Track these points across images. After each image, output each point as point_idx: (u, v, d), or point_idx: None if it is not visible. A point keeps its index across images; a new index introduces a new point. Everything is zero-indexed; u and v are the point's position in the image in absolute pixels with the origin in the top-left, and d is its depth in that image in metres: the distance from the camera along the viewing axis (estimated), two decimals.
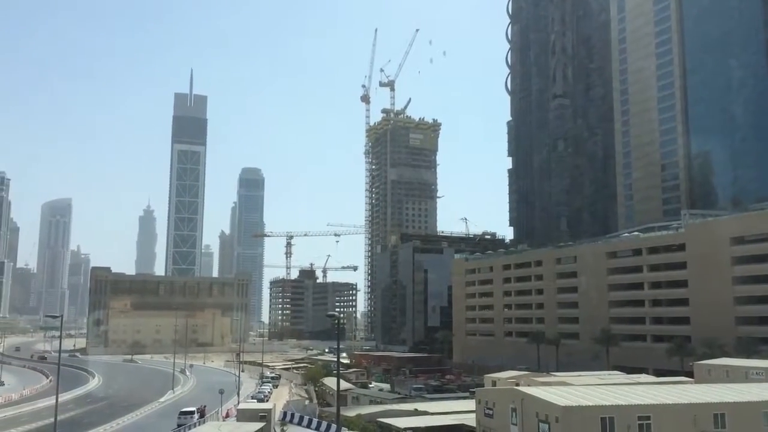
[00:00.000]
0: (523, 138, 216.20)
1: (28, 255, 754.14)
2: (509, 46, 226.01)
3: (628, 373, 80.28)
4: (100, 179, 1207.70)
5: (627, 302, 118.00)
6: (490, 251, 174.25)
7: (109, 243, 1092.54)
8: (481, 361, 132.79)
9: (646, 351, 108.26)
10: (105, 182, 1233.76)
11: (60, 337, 68.09)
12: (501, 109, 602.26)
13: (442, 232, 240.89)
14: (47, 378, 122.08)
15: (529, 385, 63.96)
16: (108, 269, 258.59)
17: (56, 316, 67.29)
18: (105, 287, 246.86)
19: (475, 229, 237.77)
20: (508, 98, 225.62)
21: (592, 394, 51.02)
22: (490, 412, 54.89)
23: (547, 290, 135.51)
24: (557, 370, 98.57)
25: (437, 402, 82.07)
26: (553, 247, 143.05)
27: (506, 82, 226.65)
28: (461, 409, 68.63)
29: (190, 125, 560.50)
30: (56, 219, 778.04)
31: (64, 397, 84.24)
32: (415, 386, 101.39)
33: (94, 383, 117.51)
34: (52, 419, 51.69)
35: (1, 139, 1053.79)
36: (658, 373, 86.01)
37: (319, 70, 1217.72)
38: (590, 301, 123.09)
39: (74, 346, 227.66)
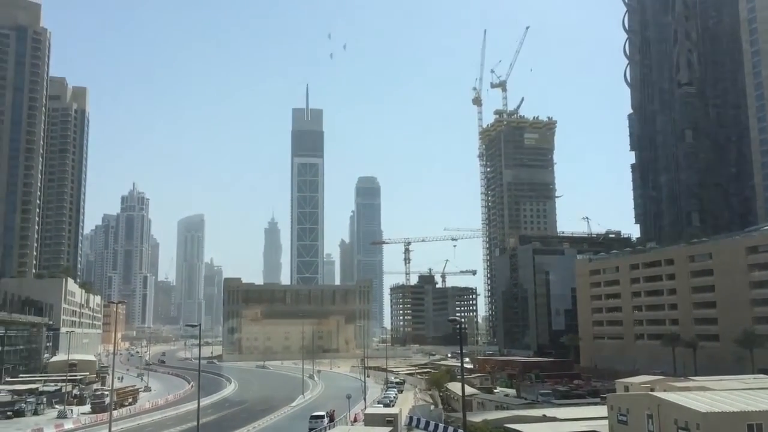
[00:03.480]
0: (646, 131, 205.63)
1: (167, 269, 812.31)
2: (627, 35, 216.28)
3: None
4: (229, 195, 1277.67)
5: None
6: (615, 251, 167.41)
7: (239, 255, 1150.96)
8: (610, 365, 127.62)
9: None
10: (233, 197, 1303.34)
11: (199, 345, 72.75)
12: (620, 102, 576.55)
13: (563, 232, 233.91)
14: (189, 384, 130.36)
15: (665, 390, 60.80)
16: (239, 280, 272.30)
17: (195, 325, 71.64)
18: (237, 297, 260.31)
19: (598, 228, 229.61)
20: (627, 90, 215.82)
21: (736, 399, 47.95)
22: (624, 418, 52.86)
23: (680, 290, 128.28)
24: (696, 375, 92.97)
25: (566, 408, 79.60)
26: (686, 244, 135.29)
27: (625, 74, 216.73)
28: (592, 415, 66.24)
29: (307, 138, 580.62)
30: (191, 234, 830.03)
31: (204, 401, 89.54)
32: (542, 391, 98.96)
33: (230, 388, 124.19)
34: (195, 423, 55.15)
35: (140, 163, 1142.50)
36: None
37: (429, 76, 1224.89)
38: (730, 300, 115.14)
39: (211, 353, 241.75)
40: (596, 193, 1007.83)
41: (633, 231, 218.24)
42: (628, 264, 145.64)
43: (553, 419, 66.92)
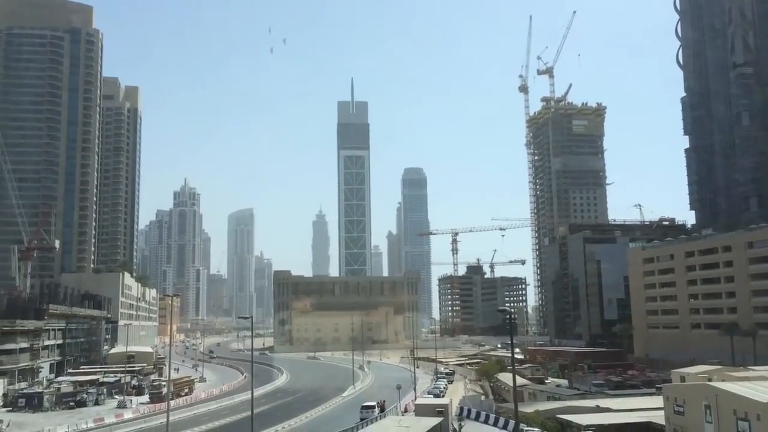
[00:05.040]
0: (700, 114, 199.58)
1: (219, 262, 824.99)
2: (678, 16, 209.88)
3: None
4: (277, 189, 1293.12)
5: None
6: (669, 238, 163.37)
7: (288, 247, 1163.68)
8: (666, 356, 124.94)
9: None
10: (281, 191, 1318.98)
11: (251, 336, 74.10)
12: (673, 86, 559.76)
13: (614, 220, 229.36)
14: (242, 374, 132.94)
15: (723, 380, 59.23)
16: (288, 272, 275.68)
17: (247, 317, 73.21)
18: (287, 289, 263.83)
19: (651, 215, 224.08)
20: (680, 73, 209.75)
21: None
22: (681, 409, 51.73)
23: (738, 277, 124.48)
24: (755, 364, 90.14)
25: (620, 398, 78.33)
26: (744, 230, 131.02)
27: (677, 56, 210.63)
28: (647, 406, 65.05)
29: (353, 131, 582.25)
30: (241, 228, 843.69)
31: (257, 392, 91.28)
32: (595, 382, 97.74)
33: (283, 379, 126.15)
34: (249, 412, 56.28)
35: (191, 159, 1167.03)
36: None
37: (474, 65, 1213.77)
38: None
39: (263, 344, 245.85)
40: (649, 179, 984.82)
41: (688, 218, 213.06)
42: (684, 251, 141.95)
43: (607, 410, 65.95)
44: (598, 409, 66.58)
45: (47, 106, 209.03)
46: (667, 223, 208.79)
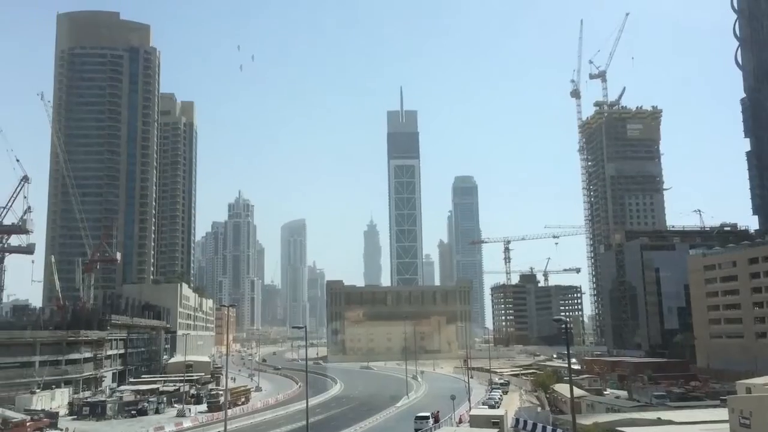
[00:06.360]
0: (762, 115, 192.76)
1: (273, 273, 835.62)
2: (736, 16, 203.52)
3: None
4: (328, 199, 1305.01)
5: None
6: (731, 244, 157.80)
7: (340, 257, 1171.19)
8: (730, 366, 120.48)
9: None
10: (332, 201, 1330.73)
11: (305, 346, 75.00)
12: (732, 87, 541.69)
13: (673, 226, 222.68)
14: (297, 384, 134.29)
15: None
16: (341, 282, 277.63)
17: (301, 327, 74.08)
18: (340, 299, 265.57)
19: (711, 221, 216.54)
20: (739, 74, 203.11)
21: None
22: (747, 421, 49.89)
23: None
24: None
25: (683, 411, 75.98)
26: None
27: (736, 56, 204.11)
28: (711, 418, 62.92)
29: (403, 140, 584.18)
30: (294, 239, 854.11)
31: (312, 401, 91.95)
32: (656, 393, 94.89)
33: (337, 389, 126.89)
34: (304, 422, 56.78)
35: (246, 172, 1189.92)
36: None
37: (524, 70, 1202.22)
38: None
39: (317, 354, 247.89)
40: (709, 184, 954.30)
41: (751, 223, 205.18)
42: (747, 258, 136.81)
43: (669, 422, 64.08)
44: (660, 422, 64.71)
45: (108, 122, 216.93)
46: (728, 228, 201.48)
